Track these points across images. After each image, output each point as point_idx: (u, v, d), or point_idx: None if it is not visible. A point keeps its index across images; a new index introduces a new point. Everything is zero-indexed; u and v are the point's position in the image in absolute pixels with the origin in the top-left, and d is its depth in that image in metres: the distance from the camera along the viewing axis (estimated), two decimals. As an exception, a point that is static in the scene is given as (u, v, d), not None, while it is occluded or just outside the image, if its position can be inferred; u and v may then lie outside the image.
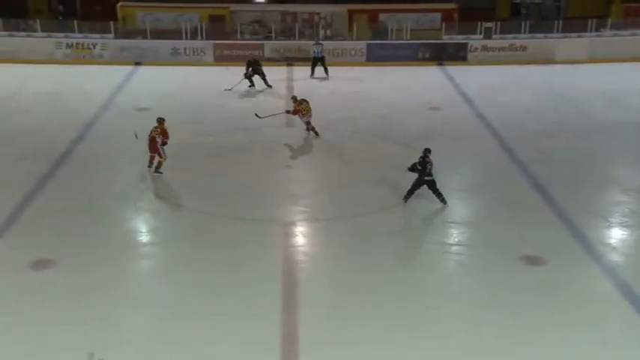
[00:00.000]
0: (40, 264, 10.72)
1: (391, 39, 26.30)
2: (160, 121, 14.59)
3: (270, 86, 21.71)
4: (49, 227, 12.08)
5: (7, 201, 12.90)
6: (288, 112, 17.15)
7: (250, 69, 21.53)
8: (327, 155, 16.24)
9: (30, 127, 17.49)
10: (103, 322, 9.26)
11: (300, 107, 16.96)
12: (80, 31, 25.73)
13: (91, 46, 25.21)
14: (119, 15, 26.60)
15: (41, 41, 25.25)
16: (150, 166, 14.62)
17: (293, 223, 12.65)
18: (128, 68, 24.11)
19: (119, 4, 26.81)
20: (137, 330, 9.20)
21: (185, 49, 25.33)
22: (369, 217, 12.77)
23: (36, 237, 11.73)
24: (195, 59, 25.29)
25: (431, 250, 11.80)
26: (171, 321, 9.39)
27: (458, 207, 13.46)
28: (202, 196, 13.56)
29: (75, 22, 26.22)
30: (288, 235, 12.18)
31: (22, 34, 25.60)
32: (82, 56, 24.96)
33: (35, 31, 25.71)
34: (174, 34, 25.60)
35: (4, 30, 25.38)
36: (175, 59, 24.96)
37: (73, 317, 9.37)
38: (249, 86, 21.66)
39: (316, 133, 17.16)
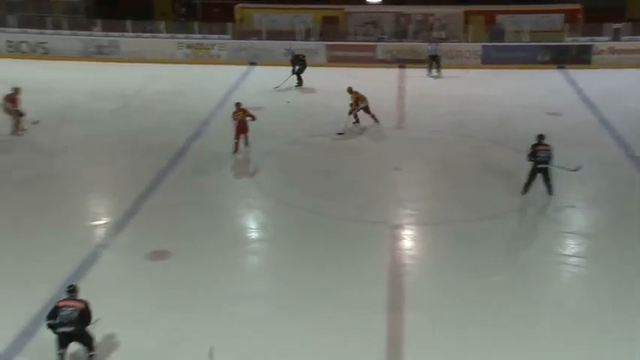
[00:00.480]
0: (157, 254, 11.30)
1: (508, 41, 25.57)
2: (239, 104, 15.74)
3: (300, 83, 22.15)
4: (165, 219, 12.70)
5: (129, 194, 13.69)
6: (351, 111, 17.26)
7: (297, 67, 21.92)
8: (438, 158, 16.01)
9: (152, 124, 18.47)
10: (212, 314, 9.61)
11: (358, 95, 17.30)
12: (200, 32, 27.00)
13: (210, 47, 26.31)
14: (237, 16, 27.56)
15: (164, 42, 26.71)
16: (236, 152, 15.58)
17: (401, 226, 12.58)
18: (244, 68, 24.92)
19: (237, 5, 27.78)
20: (242, 323, 9.45)
21: (298, 49, 25.81)
22: (479, 222, 12.47)
23: (154, 228, 12.36)
24: (308, 60, 25.67)
25: (543, 259, 11.30)
26: (276, 317, 9.60)
27: (577, 217, 12.86)
28: (311, 195, 13.77)
29: (195, 23, 27.52)
30: (396, 238, 12.13)
31: (148, 35, 27.17)
32: (200, 56, 26.08)
33: (160, 32, 27.22)
34: (289, 35, 26.20)
35: (133, 31, 27.01)
36: (289, 60, 25.46)
37: (184, 306, 9.80)
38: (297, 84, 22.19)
39: (357, 121, 17.45)
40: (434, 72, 23.67)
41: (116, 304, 9.54)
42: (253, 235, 12.65)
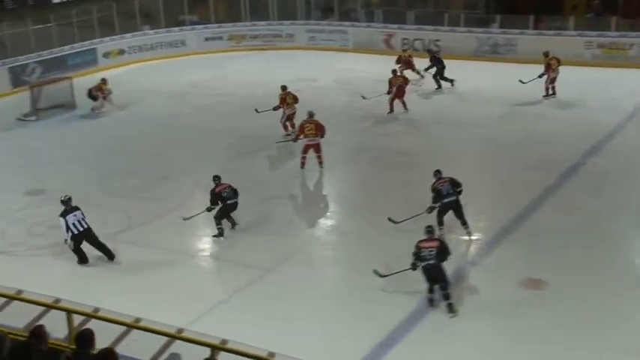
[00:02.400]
0: (530, 282, 11.25)
1: None
2: (395, 71, 20.50)
3: (440, 86, 22.98)
4: (547, 245, 12.49)
5: (506, 210, 13.84)
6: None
7: (437, 68, 22.95)
8: None
9: (542, 134, 18.35)
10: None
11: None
12: (617, 30, 25.55)
13: (627, 47, 24.84)
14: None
15: (571, 40, 25.80)
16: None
17: None
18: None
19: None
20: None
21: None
22: None
23: (531, 253, 12.23)
24: None
25: None
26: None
27: None
28: None
29: (614, 19, 26.01)
30: None
31: (552, 32, 26.59)
32: (612, 57, 24.80)
33: (567, 29, 26.53)
34: None
35: (534, 28, 26.77)
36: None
37: (549, 343, 9.62)
38: (436, 89, 23.02)
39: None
40: None
41: (472, 326, 9.83)
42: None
